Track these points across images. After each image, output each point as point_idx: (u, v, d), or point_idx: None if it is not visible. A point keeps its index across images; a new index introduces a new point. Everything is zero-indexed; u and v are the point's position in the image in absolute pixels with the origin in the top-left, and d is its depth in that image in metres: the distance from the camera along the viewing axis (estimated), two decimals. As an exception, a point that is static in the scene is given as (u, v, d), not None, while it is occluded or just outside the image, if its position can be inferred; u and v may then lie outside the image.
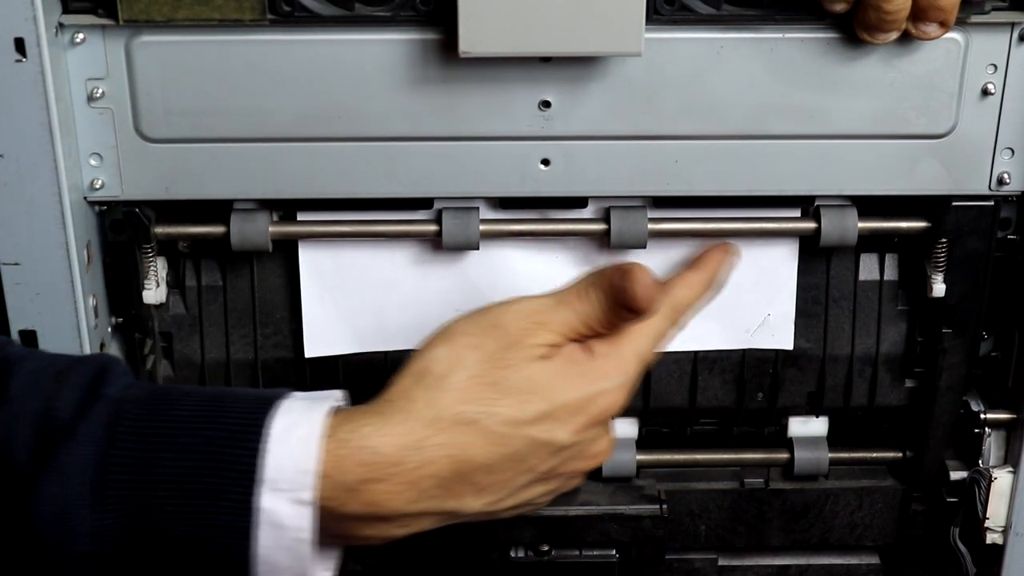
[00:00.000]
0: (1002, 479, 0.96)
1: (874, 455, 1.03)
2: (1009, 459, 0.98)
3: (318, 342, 0.96)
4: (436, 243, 0.92)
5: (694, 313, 0.87)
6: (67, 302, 0.87)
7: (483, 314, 0.80)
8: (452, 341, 0.79)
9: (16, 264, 0.86)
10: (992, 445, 0.98)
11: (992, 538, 0.98)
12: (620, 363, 0.81)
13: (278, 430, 0.72)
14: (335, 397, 0.77)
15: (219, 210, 0.91)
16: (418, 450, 0.75)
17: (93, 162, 0.87)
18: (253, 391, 0.77)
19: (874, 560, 1.08)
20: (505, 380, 0.77)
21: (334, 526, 0.74)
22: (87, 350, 0.89)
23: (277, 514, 0.71)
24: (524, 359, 0.78)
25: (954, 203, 0.91)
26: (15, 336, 0.88)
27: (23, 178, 0.83)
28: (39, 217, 0.85)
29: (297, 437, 0.72)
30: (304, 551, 0.72)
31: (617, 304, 0.80)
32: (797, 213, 0.93)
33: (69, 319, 0.88)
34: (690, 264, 0.89)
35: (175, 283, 0.96)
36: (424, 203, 0.91)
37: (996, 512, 0.97)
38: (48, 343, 0.88)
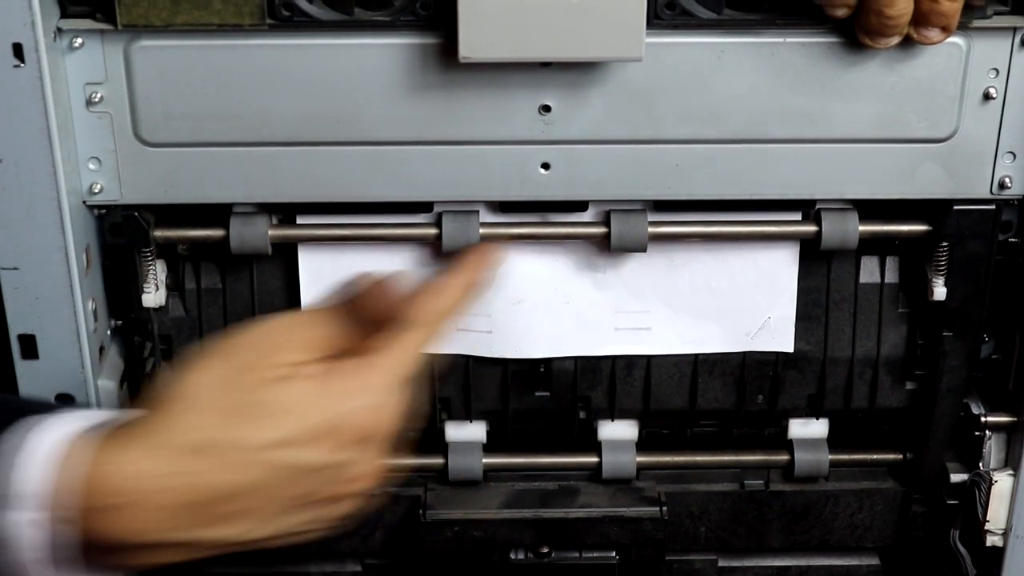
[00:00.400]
0: (1002, 482, 0.96)
1: (874, 457, 1.03)
2: (1009, 462, 0.97)
3: (318, 345, 0.96)
4: (436, 247, 0.92)
5: (451, 320, 0.82)
6: (66, 306, 0.87)
7: (230, 337, 0.77)
8: (194, 367, 0.75)
9: (15, 268, 0.86)
10: (992, 448, 0.98)
11: (992, 540, 0.98)
12: (370, 380, 0.76)
13: (31, 446, 0.69)
14: (101, 418, 0.74)
15: (218, 213, 0.91)
16: (156, 477, 0.70)
17: (92, 166, 0.87)
18: (35, 401, 0.75)
19: (874, 561, 1.08)
20: (245, 404, 0.73)
21: (66, 547, 0.70)
22: (87, 354, 0.89)
23: (15, 532, 0.69)
24: (265, 381, 0.74)
25: (955, 207, 0.90)
26: (14, 340, 0.88)
27: (22, 182, 0.83)
28: (38, 221, 0.84)
29: (44, 455, 0.69)
30: (42, 572, 0.70)
31: (360, 317, 0.76)
32: (798, 216, 0.93)
33: (68, 323, 0.88)
34: (447, 270, 0.84)
35: (175, 286, 0.96)
36: (424, 207, 0.91)
37: (996, 514, 0.97)
38: (47, 347, 0.88)
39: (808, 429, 1.02)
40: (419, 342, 0.79)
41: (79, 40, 0.83)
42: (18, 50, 0.79)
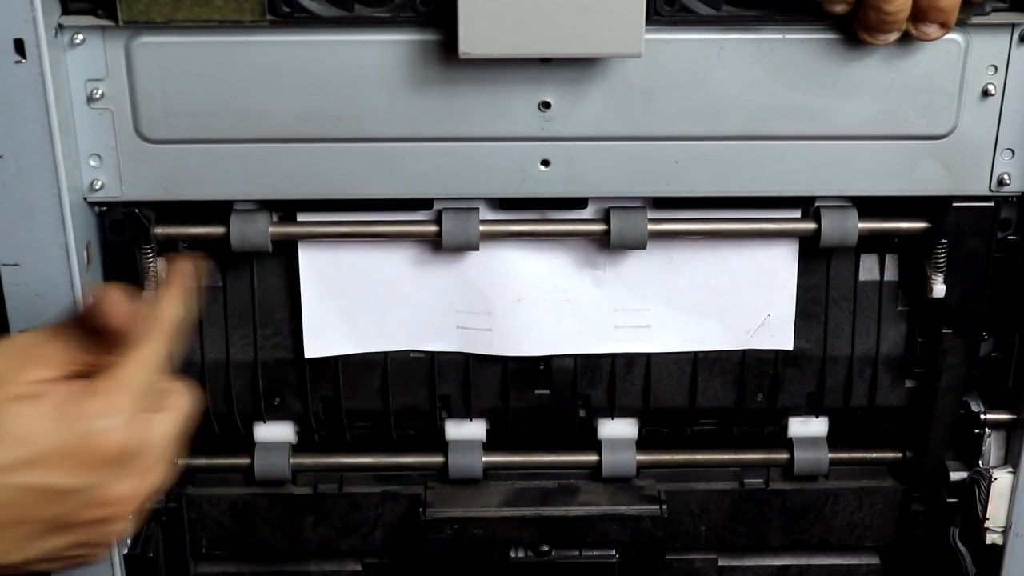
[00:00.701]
0: (1002, 479, 0.96)
1: (874, 455, 1.03)
2: (1009, 459, 0.97)
3: (318, 342, 0.96)
4: (436, 244, 0.92)
5: (173, 330, 0.79)
6: (67, 303, 0.87)
7: None
8: None
9: (16, 265, 0.86)
10: (992, 445, 0.98)
11: (992, 538, 0.98)
12: (116, 399, 0.72)
13: None
14: None
15: (219, 211, 0.91)
16: None
17: (93, 163, 0.87)
18: None
19: (874, 560, 1.08)
20: None
21: None
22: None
23: None
24: (7, 399, 0.71)
25: (954, 204, 0.91)
26: (15, 337, 0.88)
27: (23, 179, 0.83)
28: (39, 218, 0.85)
29: None
30: None
31: (98, 329, 0.74)
32: (797, 214, 0.93)
33: (69, 320, 0.88)
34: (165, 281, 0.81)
35: (175, 283, 0.96)
36: (424, 204, 0.91)
37: (996, 512, 0.97)
38: (48, 344, 0.88)
39: (808, 427, 1.02)
40: (159, 355, 0.76)
41: (80, 36, 0.83)
42: (19, 46, 0.80)
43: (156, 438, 0.74)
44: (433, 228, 0.91)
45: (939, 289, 0.93)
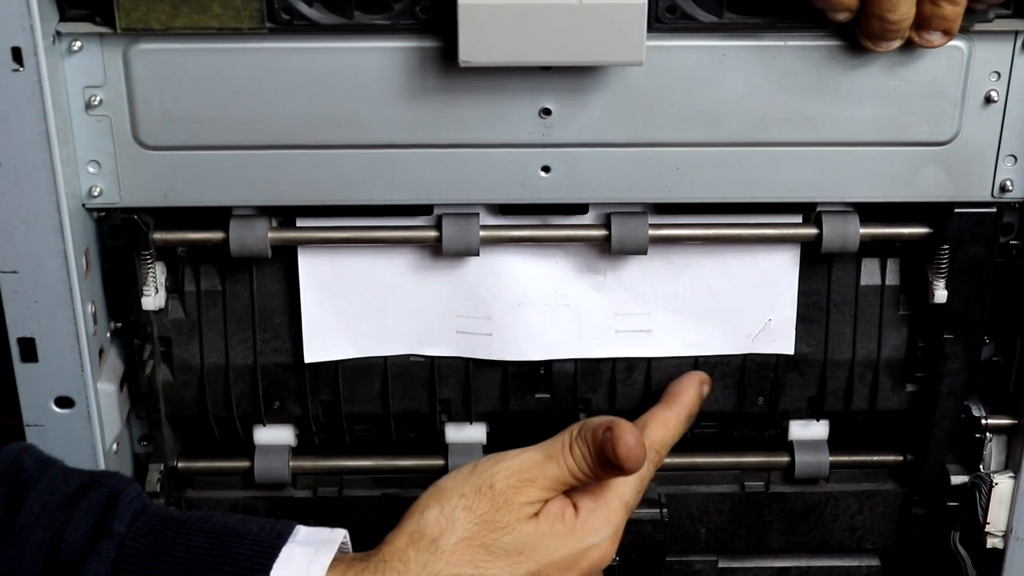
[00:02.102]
0: (1003, 484, 0.96)
1: (875, 459, 1.03)
2: (1010, 464, 0.97)
3: (317, 347, 0.96)
4: (436, 249, 0.92)
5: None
6: (66, 309, 0.87)
7: (474, 472, 0.82)
8: (444, 502, 0.80)
9: (14, 272, 0.86)
10: (993, 450, 0.98)
11: (992, 542, 0.98)
12: (607, 516, 0.83)
13: None
14: (336, 541, 0.77)
15: (218, 216, 0.91)
16: None
17: (91, 169, 0.87)
18: (259, 526, 0.77)
19: (874, 563, 1.08)
20: (496, 542, 0.79)
21: None
22: (86, 356, 0.89)
23: None
24: (514, 520, 0.80)
25: (956, 210, 0.90)
26: (14, 344, 0.88)
27: (21, 186, 0.83)
28: (37, 225, 0.84)
29: None
30: None
31: (603, 460, 0.81)
32: (799, 219, 0.93)
33: (68, 326, 0.87)
34: (665, 399, 0.89)
35: (174, 288, 0.96)
36: (424, 209, 0.91)
37: (997, 517, 0.97)
38: (47, 350, 0.88)
39: (808, 431, 1.01)
40: (648, 476, 0.86)
41: (78, 43, 0.83)
42: (17, 54, 0.79)
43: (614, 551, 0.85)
44: (433, 233, 0.91)
45: (941, 294, 0.93)
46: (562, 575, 0.81)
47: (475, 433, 1.00)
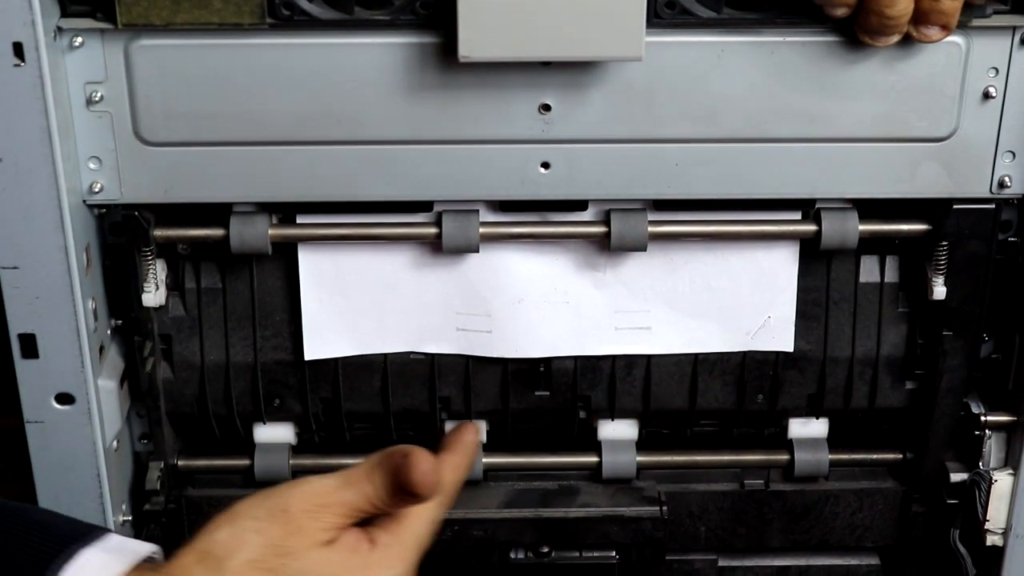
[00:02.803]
0: (1002, 481, 0.96)
1: (874, 457, 1.03)
2: (1009, 461, 0.97)
3: (317, 344, 0.96)
4: (436, 246, 0.92)
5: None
6: (66, 305, 0.87)
7: (269, 496, 0.79)
8: (235, 523, 0.77)
9: (15, 268, 0.86)
10: (992, 447, 0.98)
11: (992, 540, 0.98)
12: (401, 554, 0.80)
13: None
14: (141, 554, 0.75)
15: (218, 213, 0.91)
16: None
17: (92, 165, 0.87)
18: (68, 524, 0.75)
19: (874, 561, 1.07)
20: (284, 567, 0.76)
21: None
22: (87, 353, 0.89)
23: None
24: (306, 546, 0.77)
25: (955, 206, 0.90)
26: (14, 340, 0.88)
27: (22, 182, 0.83)
28: (38, 221, 0.85)
29: None
30: None
31: (399, 487, 0.78)
32: (798, 216, 0.93)
33: (68, 322, 0.88)
34: (449, 446, 0.86)
35: (174, 285, 0.96)
36: (424, 206, 0.91)
37: (996, 514, 0.97)
38: (47, 346, 0.88)
39: (808, 429, 1.02)
40: (438, 515, 0.82)
41: (79, 39, 0.83)
42: (18, 49, 0.79)
43: None
44: (433, 230, 0.91)
45: (940, 291, 0.93)
46: None
47: (474, 430, 1.01)
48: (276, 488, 0.80)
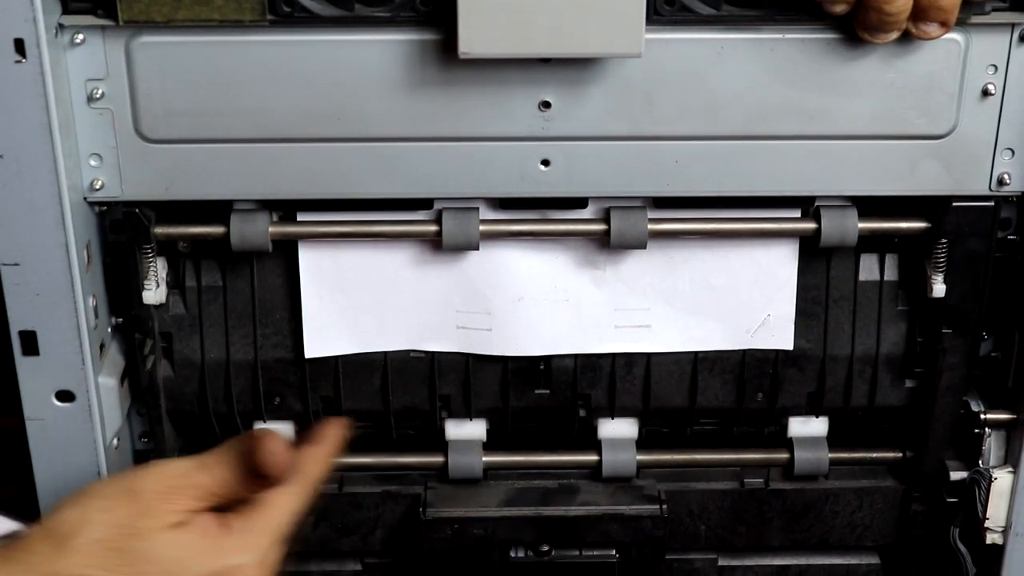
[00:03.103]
0: (1002, 479, 0.96)
1: (874, 455, 1.03)
2: (1009, 459, 0.97)
3: (318, 342, 0.96)
4: (436, 243, 0.92)
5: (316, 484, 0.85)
6: (67, 302, 0.87)
7: (121, 478, 0.78)
8: (83, 503, 0.77)
9: (16, 265, 0.86)
10: (992, 445, 0.98)
11: (992, 538, 0.98)
12: (255, 539, 0.78)
13: None
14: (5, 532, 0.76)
15: (219, 210, 0.91)
16: None
17: (93, 162, 0.87)
18: None
19: (874, 560, 1.07)
20: (133, 549, 0.75)
21: None
22: (87, 350, 0.89)
23: None
24: (155, 528, 0.76)
25: (954, 203, 0.91)
26: (15, 337, 0.88)
27: (23, 178, 0.83)
28: (39, 217, 0.85)
29: None
30: None
31: (250, 470, 0.78)
32: (797, 213, 0.93)
33: (69, 320, 0.88)
34: (310, 437, 0.85)
35: (175, 283, 0.96)
36: (424, 203, 0.91)
37: (996, 512, 0.97)
38: (48, 343, 0.88)
39: (808, 427, 1.02)
40: (297, 504, 0.81)
41: (80, 36, 0.83)
42: (19, 46, 0.80)
43: None
44: (433, 228, 0.91)
45: (939, 289, 0.93)
46: None
47: (475, 429, 1.01)
48: (129, 470, 0.80)
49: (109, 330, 0.94)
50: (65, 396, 0.90)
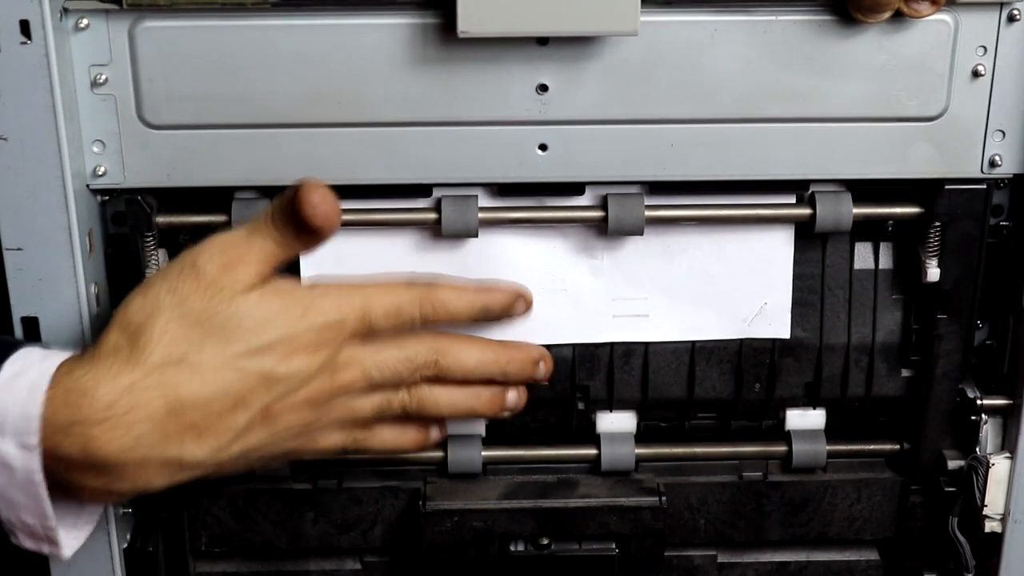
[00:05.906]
0: (1000, 465, 0.97)
1: (872, 447, 1.03)
2: (1006, 445, 0.98)
3: (318, 333, 0.96)
4: (435, 231, 0.93)
5: (458, 318, 0.87)
6: (69, 288, 0.88)
7: (180, 259, 0.81)
8: (147, 290, 0.80)
9: (19, 249, 0.87)
10: (989, 432, 0.98)
11: (991, 526, 0.98)
12: (339, 300, 0.81)
13: (6, 377, 0.76)
14: (69, 353, 0.79)
15: (220, 199, 0.92)
16: (129, 393, 0.76)
17: (96, 149, 0.88)
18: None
19: (873, 556, 1.07)
20: (210, 318, 0.77)
21: (57, 472, 0.76)
22: (89, 338, 0.89)
23: (5, 456, 0.75)
24: (227, 296, 0.78)
25: (947, 186, 0.92)
26: (17, 322, 0.88)
27: (27, 162, 0.84)
28: (42, 202, 0.85)
29: (23, 383, 0.75)
30: (39, 493, 0.76)
31: (297, 220, 0.79)
32: (792, 199, 0.94)
33: (71, 306, 0.88)
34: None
35: (176, 274, 0.96)
36: (423, 190, 0.92)
37: (994, 499, 0.97)
38: (50, 329, 0.88)
39: (805, 420, 1.02)
40: (403, 299, 0.84)
41: (85, 20, 0.84)
42: (25, 27, 0.81)
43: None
44: (432, 215, 0.92)
45: (933, 273, 0.94)
46: (281, 348, 0.79)
47: (474, 423, 1.01)
48: (185, 251, 0.82)
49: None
50: (66, 384, 0.90)
